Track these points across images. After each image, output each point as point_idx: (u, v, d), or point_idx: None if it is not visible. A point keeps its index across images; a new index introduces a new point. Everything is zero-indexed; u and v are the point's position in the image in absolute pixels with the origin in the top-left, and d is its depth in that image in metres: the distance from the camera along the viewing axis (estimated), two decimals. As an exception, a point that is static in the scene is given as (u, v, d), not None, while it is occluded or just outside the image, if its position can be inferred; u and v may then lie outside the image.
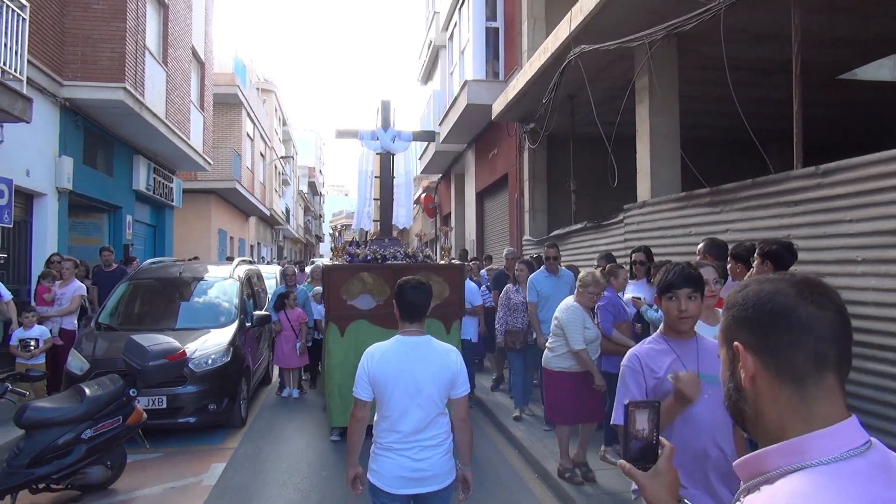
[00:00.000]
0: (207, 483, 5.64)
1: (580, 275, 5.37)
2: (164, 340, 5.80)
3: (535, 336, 7.08)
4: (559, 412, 5.33)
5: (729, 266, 4.62)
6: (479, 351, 9.35)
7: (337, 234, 7.63)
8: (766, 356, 1.04)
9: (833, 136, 11.89)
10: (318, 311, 9.06)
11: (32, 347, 7.42)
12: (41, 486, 5.01)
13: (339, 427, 6.76)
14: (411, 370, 3.03)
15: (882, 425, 3.81)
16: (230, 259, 17.86)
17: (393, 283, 6.65)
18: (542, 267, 7.13)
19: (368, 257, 6.99)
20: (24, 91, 7.55)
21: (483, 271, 10.60)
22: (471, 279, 8.96)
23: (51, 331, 7.81)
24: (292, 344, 9.09)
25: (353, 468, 3.16)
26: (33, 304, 8.18)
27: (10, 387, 4.89)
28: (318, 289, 9.14)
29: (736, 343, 1.08)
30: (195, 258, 16.46)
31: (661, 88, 6.94)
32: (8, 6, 7.37)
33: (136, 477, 5.74)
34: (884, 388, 3.86)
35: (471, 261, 10.81)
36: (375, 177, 8.15)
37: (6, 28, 7.37)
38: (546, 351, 5.49)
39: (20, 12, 7.58)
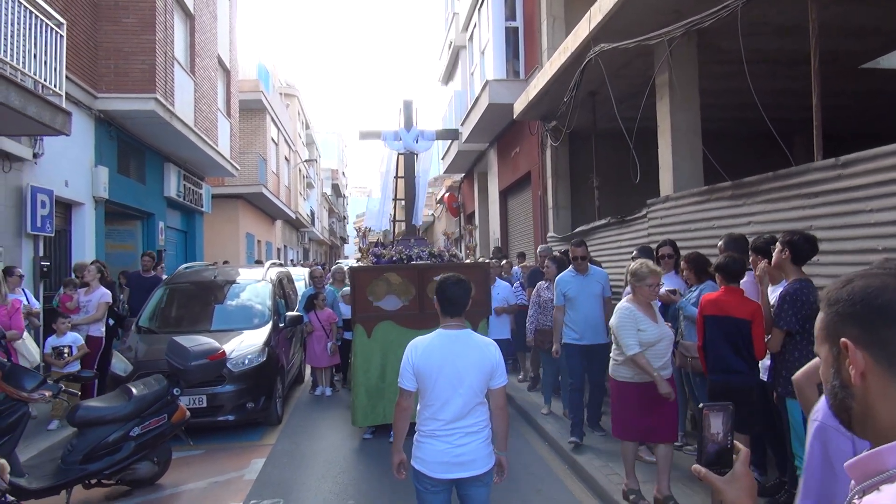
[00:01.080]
0: (249, 477, 5.87)
1: (631, 267, 4.75)
2: (205, 341, 6.05)
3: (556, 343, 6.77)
4: (624, 428, 4.76)
5: (751, 259, 4.72)
6: (510, 350, 9.23)
7: (362, 235, 7.73)
8: (878, 351, 1.02)
9: (859, 125, 11.82)
10: (347, 311, 9.27)
11: (66, 355, 7.42)
12: (93, 481, 5.28)
13: (367, 426, 6.90)
14: (453, 362, 3.21)
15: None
16: (259, 262, 18.24)
17: (419, 284, 6.73)
18: (570, 266, 6.73)
19: (394, 258, 6.99)
20: (63, 105, 7.83)
21: (517, 268, 10.70)
22: (500, 277, 8.98)
23: None
24: (323, 344, 9.28)
25: (397, 454, 3.36)
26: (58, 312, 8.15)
27: (63, 387, 5.14)
28: (347, 289, 9.33)
29: (843, 339, 1.06)
30: (226, 262, 16.86)
31: (681, 85, 7.02)
32: (46, 24, 7.68)
33: (181, 472, 5.99)
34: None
35: (502, 260, 10.81)
36: (398, 177, 8.24)
37: (45, 45, 7.67)
38: (610, 360, 4.94)
39: (58, 30, 7.88)
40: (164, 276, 10.86)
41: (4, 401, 4.81)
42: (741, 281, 4.54)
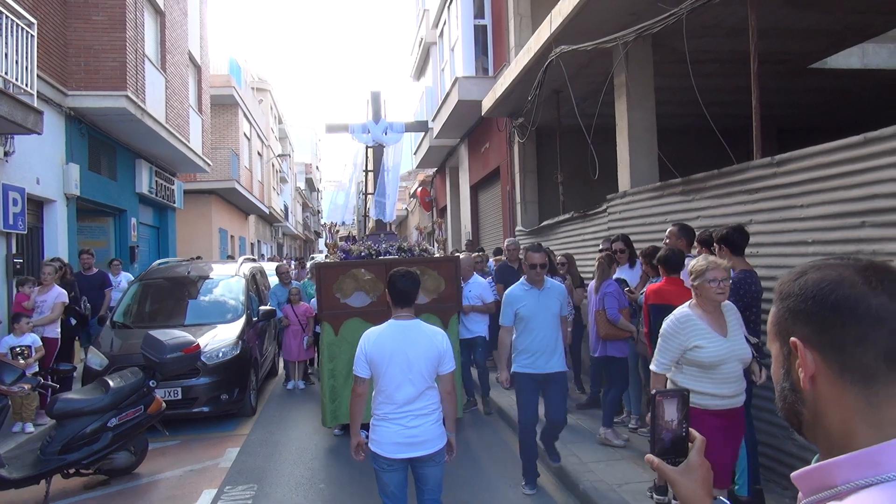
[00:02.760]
0: (224, 465, 6.09)
1: (691, 264, 3.90)
2: (180, 335, 6.24)
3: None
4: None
5: (696, 251, 5.06)
6: (489, 349, 8.42)
7: (328, 230, 7.50)
8: (829, 353, 0.93)
9: (815, 120, 12.32)
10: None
11: (25, 356, 6.92)
12: (72, 471, 5.46)
13: (337, 425, 6.75)
14: (403, 350, 3.46)
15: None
16: (231, 258, 18.32)
17: (386, 279, 6.57)
18: (522, 277, 5.39)
19: (363, 253, 6.83)
20: (35, 104, 7.92)
21: (491, 262, 10.19)
22: (478, 273, 8.42)
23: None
24: (300, 338, 9.39)
25: (355, 437, 3.63)
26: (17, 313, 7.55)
27: (42, 381, 5.31)
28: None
29: (793, 339, 0.97)
30: (198, 257, 16.90)
31: (637, 85, 7.35)
32: (16, 24, 7.75)
33: (157, 462, 6.20)
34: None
35: (475, 253, 10.18)
36: (368, 171, 8.11)
37: (16, 45, 7.75)
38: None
39: (29, 29, 7.96)
40: (123, 273, 10.93)
41: (-16, 394, 4.97)
42: (682, 272, 4.86)
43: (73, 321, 8.44)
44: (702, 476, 1.23)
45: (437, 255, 7.27)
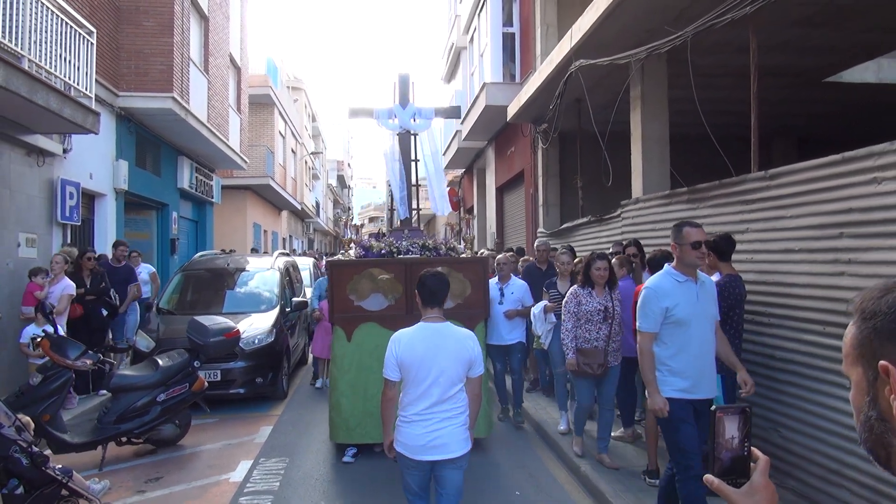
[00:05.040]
0: (258, 441, 6.69)
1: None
2: (222, 321, 6.87)
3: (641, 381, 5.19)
4: None
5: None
6: (525, 356, 7.77)
7: (345, 226, 6.93)
8: None
9: (833, 130, 12.56)
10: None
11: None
12: (124, 439, 6.10)
13: (350, 444, 6.05)
14: (434, 353, 3.44)
15: (815, 385, 4.65)
16: (254, 251, 19.03)
17: (406, 280, 5.87)
18: (666, 265, 4.18)
19: (383, 251, 6.22)
20: (93, 106, 8.62)
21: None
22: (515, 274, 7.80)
23: (44, 331, 6.60)
24: (330, 336, 8.64)
25: (388, 436, 3.62)
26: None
27: (102, 357, 5.95)
28: None
29: (883, 362, 0.88)
30: (232, 250, 17.66)
31: (651, 98, 7.77)
32: (78, 32, 8.45)
33: (198, 436, 6.82)
34: (815, 355, 4.69)
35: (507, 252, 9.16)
36: (397, 160, 7.22)
37: (77, 51, 8.45)
38: None
39: (88, 37, 8.66)
40: (143, 265, 11.09)
41: (52, 367, 5.62)
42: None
43: (105, 312, 8.52)
44: (767, 499, 1.15)
45: (463, 255, 6.53)
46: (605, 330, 5.54)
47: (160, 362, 6.32)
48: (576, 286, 5.84)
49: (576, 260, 7.01)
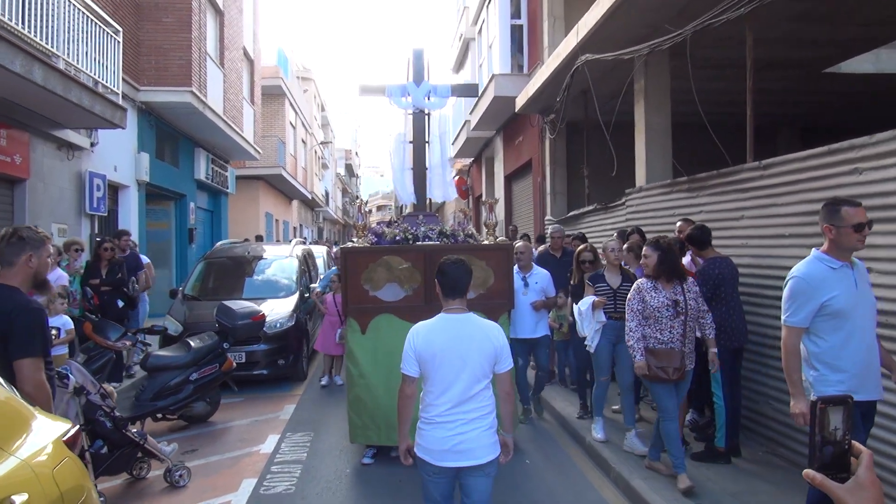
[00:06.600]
0: (283, 417, 7.13)
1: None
2: (248, 305, 7.30)
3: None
4: None
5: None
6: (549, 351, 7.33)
7: (359, 210, 6.23)
8: None
9: (836, 119, 12.85)
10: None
11: (54, 338, 6.34)
12: (160, 416, 6.54)
13: (370, 445, 5.75)
14: (456, 346, 3.15)
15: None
16: (259, 238, 19.41)
17: (425, 269, 5.51)
18: (814, 250, 3.67)
19: (398, 237, 5.81)
20: (120, 102, 9.03)
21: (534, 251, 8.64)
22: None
23: (85, 315, 7.09)
24: (335, 330, 8.40)
25: (404, 441, 3.32)
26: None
27: (140, 339, 6.39)
28: None
29: None
30: (260, 237, 18.35)
31: (654, 91, 8.12)
32: (105, 31, 8.85)
33: (227, 413, 7.27)
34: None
35: (535, 240, 9.14)
36: (409, 142, 6.87)
37: (105, 49, 8.85)
38: None
39: (115, 36, 9.07)
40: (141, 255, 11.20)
41: (94, 348, 6.06)
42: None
43: (122, 303, 8.33)
44: (874, 497, 1.10)
45: (485, 241, 6.01)
46: (677, 328, 4.76)
47: (192, 344, 6.74)
48: (642, 280, 5.02)
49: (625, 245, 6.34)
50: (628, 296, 5.05)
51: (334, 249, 13.71)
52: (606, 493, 5.03)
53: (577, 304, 6.10)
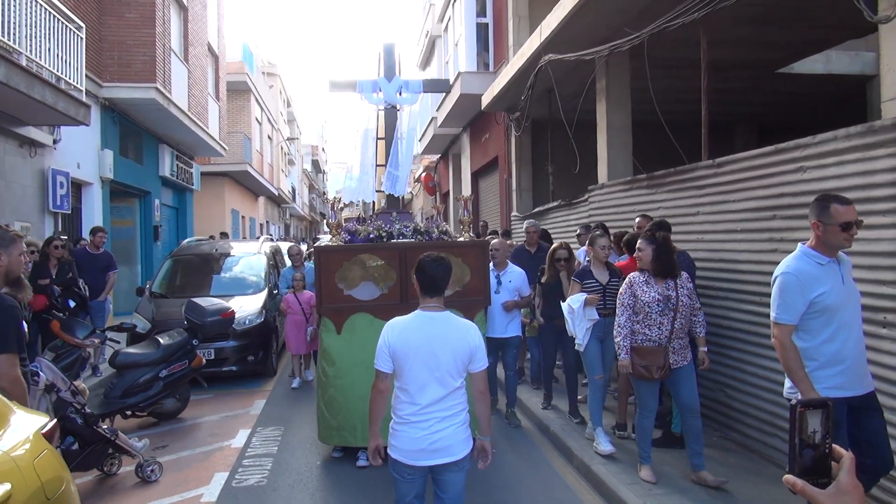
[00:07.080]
0: (254, 413, 7.21)
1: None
2: (217, 302, 7.34)
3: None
4: None
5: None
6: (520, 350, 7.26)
7: (332, 208, 6.16)
8: None
9: (792, 118, 13.29)
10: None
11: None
12: (129, 413, 6.56)
13: (341, 446, 5.66)
14: (431, 344, 3.12)
15: (753, 349, 5.29)
16: (224, 235, 19.29)
17: (400, 267, 5.47)
18: (800, 244, 3.64)
19: (372, 235, 5.71)
20: (84, 99, 8.96)
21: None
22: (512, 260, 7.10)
23: (53, 313, 6.81)
24: (303, 329, 8.30)
25: (374, 439, 3.27)
26: None
27: (108, 336, 6.41)
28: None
29: None
30: (212, 237, 18.01)
31: (615, 90, 8.36)
32: (68, 27, 8.77)
33: (197, 409, 7.31)
34: (753, 322, 5.33)
35: (501, 235, 9.15)
36: (380, 138, 6.83)
37: (67, 46, 8.77)
38: None
39: (79, 32, 8.99)
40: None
41: (63, 346, 6.06)
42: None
43: (73, 303, 7.92)
44: (858, 499, 1.10)
45: (461, 238, 6.02)
46: (666, 325, 4.68)
47: (161, 341, 6.77)
48: (634, 274, 4.94)
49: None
50: (620, 289, 4.99)
51: (303, 247, 13.52)
52: (569, 479, 5.25)
53: (563, 301, 6.00)
